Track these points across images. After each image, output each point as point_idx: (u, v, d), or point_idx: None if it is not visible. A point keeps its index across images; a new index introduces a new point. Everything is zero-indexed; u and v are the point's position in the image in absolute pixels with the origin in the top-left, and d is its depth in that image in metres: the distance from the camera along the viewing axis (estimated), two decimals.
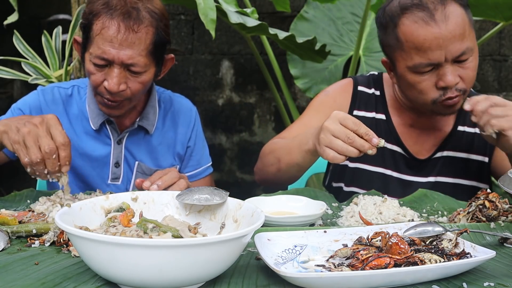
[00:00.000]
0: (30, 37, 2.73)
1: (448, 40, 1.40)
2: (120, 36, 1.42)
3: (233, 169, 3.60)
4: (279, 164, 1.51)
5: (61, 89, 1.66)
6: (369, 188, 1.56)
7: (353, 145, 1.23)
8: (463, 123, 1.62)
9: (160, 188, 1.35)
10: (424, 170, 1.61)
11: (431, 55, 1.41)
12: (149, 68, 1.50)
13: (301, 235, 1.02)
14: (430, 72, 1.45)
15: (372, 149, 1.23)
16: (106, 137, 1.64)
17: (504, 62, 3.27)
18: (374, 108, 1.64)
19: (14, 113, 1.61)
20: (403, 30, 1.44)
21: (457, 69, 1.44)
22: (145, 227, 0.90)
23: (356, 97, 1.65)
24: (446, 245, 0.96)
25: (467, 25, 1.44)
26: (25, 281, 0.86)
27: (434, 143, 1.61)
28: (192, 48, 3.51)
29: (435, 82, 1.45)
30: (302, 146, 1.40)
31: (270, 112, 3.52)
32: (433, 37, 1.40)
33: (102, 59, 1.45)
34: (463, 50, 1.42)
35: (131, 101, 1.55)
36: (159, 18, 1.49)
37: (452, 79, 1.42)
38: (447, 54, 1.41)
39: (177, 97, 1.77)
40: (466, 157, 1.61)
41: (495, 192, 1.25)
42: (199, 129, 1.78)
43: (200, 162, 1.77)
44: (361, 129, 1.24)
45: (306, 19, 3.12)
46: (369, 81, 1.68)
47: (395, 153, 1.62)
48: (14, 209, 1.31)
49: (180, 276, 0.81)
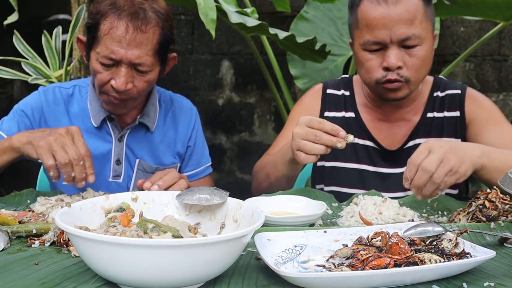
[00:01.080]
0: (30, 37, 2.73)
1: (394, 22, 1.47)
2: (129, 36, 1.45)
3: (233, 169, 3.60)
4: (269, 180, 1.59)
5: (62, 89, 1.68)
6: (348, 185, 1.64)
7: (321, 142, 1.31)
8: (432, 109, 1.67)
9: (160, 188, 1.37)
10: (399, 161, 1.65)
11: (378, 33, 1.49)
12: (155, 67, 1.54)
13: (301, 235, 1.02)
14: (378, 52, 1.52)
15: (341, 142, 1.31)
16: (107, 134, 1.65)
17: (504, 62, 3.27)
18: (344, 108, 1.73)
19: (16, 115, 1.62)
20: (361, 9, 1.53)
21: (403, 54, 1.51)
22: (145, 227, 0.90)
23: (326, 100, 1.75)
24: (446, 245, 0.96)
25: (420, 14, 1.50)
26: (25, 281, 0.86)
27: (405, 133, 1.66)
28: (192, 48, 3.51)
29: (381, 63, 1.52)
30: (284, 157, 1.48)
31: (270, 112, 3.52)
32: (381, 16, 1.48)
33: (110, 59, 1.47)
34: (409, 35, 1.48)
35: (136, 100, 1.57)
36: (164, 18, 1.52)
37: (394, 61, 1.49)
38: (392, 35, 1.48)
39: (178, 97, 1.79)
40: None
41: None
42: (199, 129, 1.80)
43: (200, 161, 1.78)
44: (326, 126, 1.32)
45: (306, 19, 3.12)
46: (339, 84, 1.77)
47: (368, 147, 1.67)
48: (14, 209, 1.31)
49: (180, 276, 0.81)
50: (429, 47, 1.53)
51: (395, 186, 1.59)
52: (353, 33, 1.59)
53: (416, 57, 1.51)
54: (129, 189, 1.67)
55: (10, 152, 1.41)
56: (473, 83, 3.28)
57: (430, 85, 1.69)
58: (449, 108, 1.65)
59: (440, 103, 1.66)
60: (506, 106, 3.25)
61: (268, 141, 3.49)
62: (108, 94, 1.52)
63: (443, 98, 1.66)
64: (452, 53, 3.27)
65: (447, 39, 3.27)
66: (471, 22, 3.24)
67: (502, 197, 1.23)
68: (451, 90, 1.66)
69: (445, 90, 1.67)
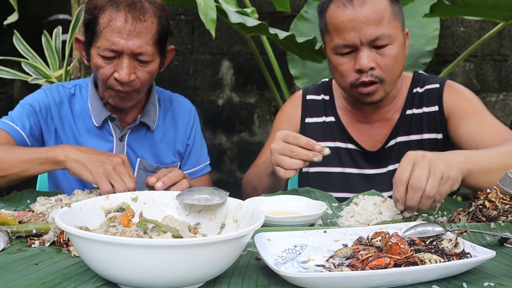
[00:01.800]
0: (30, 37, 2.73)
1: (361, 23, 1.48)
2: (128, 27, 1.47)
3: (233, 169, 3.60)
4: (256, 192, 1.60)
5: (65, 88, 1.71)
6: (334, 189, 1.63)
7: (298, 157, 1.34)
8: (411, 106, 1.65)
9: (165, 185, 1.39)
10: (382, 161, 1.65)
11: (347, 36, 1.49)
12: (155, 57, 1.56)
13: (301, 235, 1.02)
14: (349, 55, 1.52)
15: (318, 156, 1.33)
16: (108, 134, 1.67)
17: (504, 62, 3.27)
18: (324, 113, 1.73)
19: (24, 108, 1.62)
20: (328, 14, 1.54)
21: (375, 55, 1.51)
22: (145, 227, 0.90)
23: (306, 106, 1.75)
24: (446, 245, 0.96)
25: (388, 14, 1.50)
26: (25, 281, 0.86)
27: (385, 133, 1.66)
28: (192, 48, 3.51)
29: (353, 65, 1.52)
30: (267, 170, 1.52)
31: (270, 112, 3.52)
32: (348, 19, 1.49)
33: (112, 50, 1.49)
34: (378, 35, 1.48)
35: (139, 92, 1.59)
36: (160, 9, 1.55)
37: (366, 62, 1.49)
38: (361, 36, 1.48)
39: (177, 97, 1.81)
40: (420, 138, 1.64)
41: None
42: (198, 128, 1.82)
43: (199, 160, 1.80)
44: (301, 140, 1.34)
45: (306, 19, 3.12)
46: (319, 88, 1.77)
47: (350, 150, 1.67)
48: (14, 209, 1.31)
49: (180, 276, 0.81)
50: (400, 46, 1.53)
51: (381, 186, 1.57)
52: (324, 38, 1.60)
53: (388, 56, 1.51)
54: None
55: (51, 164, 1.39)
56: (473, 83, 3.28)
57: (409, 81, 1.68)
58: (428, 103, 1.63)
59: (419, 99, 1.64)
60: (506, 106, 3.25)
61: None
62: (113, 89, 1.54)
63: (422, 94, 1.65)
64: (452, 53, 3.27)
65: (447, 39, 3.27)
66: (471, 22, 3.24)
67: (502, 197, 1.23)
68: (430, 85, 1.64)
69: (424, 86, 1.65)
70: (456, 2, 2.38)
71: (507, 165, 1.28)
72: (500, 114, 3.23)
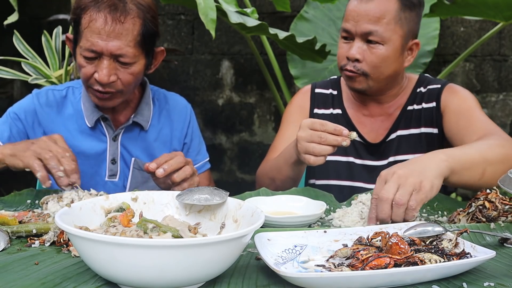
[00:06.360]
0: (30, 37, 2.73)
1: (361, 16, 1.60)
2: (108, 28, 1.47)
3: (233, 169, 3.60)
4: (275, 183, 1.62)
5: (55, 92, 1.71)
6: (338, 178, 1.72)
7: (327, 143, 1.33)
8: (412, 103, 1.73)
9: (166, 172, 1.38)
10: (383, 154, 1.72)
11: (348, 24, 1.63)
12: (138, 59, 1.55)
13: (301, 235, 1.02)
14: (348, 41, 1.65)
15: (346, 141, 1.32)
16: (101, 134, 1.67)
17: (504, 62, 3.27)
18: (332, 105, 1.82)
19: (9, 117, 1.65)
20: (348, 3, 1.68)
21: (365, 49, 1.61)
22: (145, 227, 0.90)
23: (315, 98, 1.84)
24: (446, 245, 0.96)
25: (390, 15, 1.59)
26: (25, 281, 0.86)
27: (386, 127, 1.74)
28: (192, 48, 3.51)
29: (347, 51, 1.64)
30: (288, 161, 1.52)
31: (270, 112, 3.52)
32: (353, 9, 1.62)
33: (92, 51, 1.49)
34: (371, 30, 1.59)
35: (123, 93, 1.58)
36: (146, 10, 1.53)
37: (354, 52, 1.61)
38: (357, 28, 1.61)
39: (172, 95, 1.82)
40: (418, 132, 1.72)
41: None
42: (195, 125, 1.82)
43: (197, 158, 1.81)
44: (329, 127, 1.34)
45: (306, 19, 3.12)
46: (328, 84, 1.87)
47: (354, 141, 1.72)
48: (14, 209, 1.31)
49: (180, 276, 0.81)
50: (393, 50, 1.61)
51: None
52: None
53: (376, 54, 1.60)
54: (126, 187, 1.68)
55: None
56: (473, 83, 3.28)
57: (414, 82, 1.76)
58: (427, 100, 1.71)
59: (421, 97, 1.73)
60: (506, 106, 3.25)
61: (268, 141, 3.49)
62: (93, 88, 1.54)
63: (424, 93, 1.73)
64: (452, 53, 3.27)
65: (447, 39, 3.27)
66: (471, 22, 3.24)
67: (502, 197, 1.23)
68: (433, 85, 1.72)
69: (428, 86, 1.73)
70: (456, 2, 2.38)
71: (488, 159, 1.32)
72: (500, 114, 3.23)
